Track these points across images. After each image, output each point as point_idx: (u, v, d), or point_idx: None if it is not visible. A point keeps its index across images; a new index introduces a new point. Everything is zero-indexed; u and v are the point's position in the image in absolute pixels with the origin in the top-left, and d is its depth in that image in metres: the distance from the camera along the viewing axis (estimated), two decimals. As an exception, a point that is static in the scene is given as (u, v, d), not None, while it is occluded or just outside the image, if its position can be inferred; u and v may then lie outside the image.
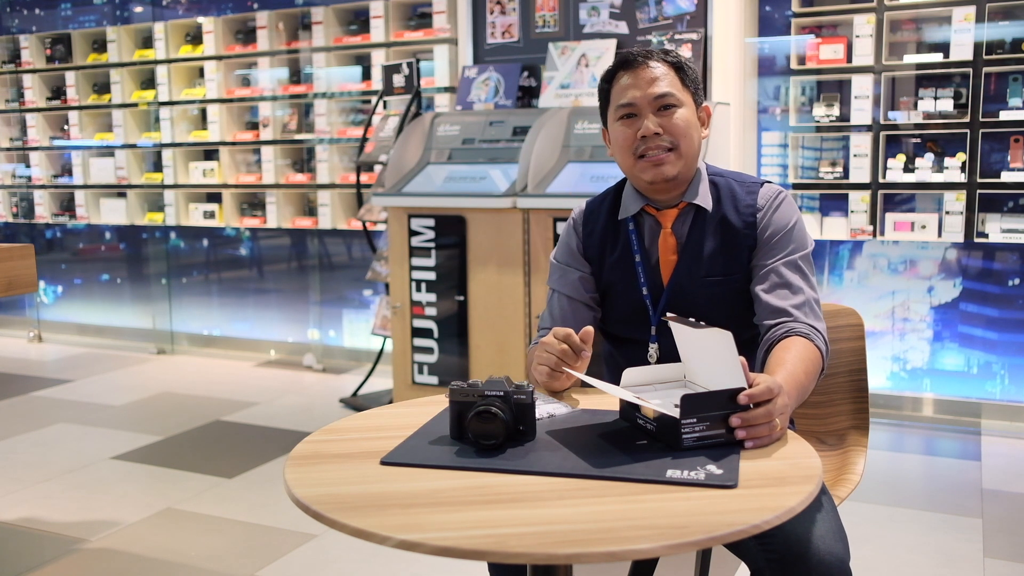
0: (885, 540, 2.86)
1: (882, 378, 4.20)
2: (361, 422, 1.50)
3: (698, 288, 1.77)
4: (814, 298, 1.76)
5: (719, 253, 1.77)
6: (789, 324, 1.70)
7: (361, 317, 5.38)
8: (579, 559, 1.01)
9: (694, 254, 1.78)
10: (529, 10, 4.24)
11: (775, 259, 1.75)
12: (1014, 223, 3.91)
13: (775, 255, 1.76)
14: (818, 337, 1.68)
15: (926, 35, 4.07)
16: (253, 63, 5.53)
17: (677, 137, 1.75)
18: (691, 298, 1.77)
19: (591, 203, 1.94)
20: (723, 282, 1.77)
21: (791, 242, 1.77)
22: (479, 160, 3.82)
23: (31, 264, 2.59)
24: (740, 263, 1.77)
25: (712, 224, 1.78)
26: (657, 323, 1.80)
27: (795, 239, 1.78)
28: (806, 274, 1.77)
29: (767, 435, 1.34)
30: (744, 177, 1.85)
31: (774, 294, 1.74)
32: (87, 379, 5.14)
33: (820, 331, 1.70)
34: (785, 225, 1.78)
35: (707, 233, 1.78)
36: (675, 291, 1.78)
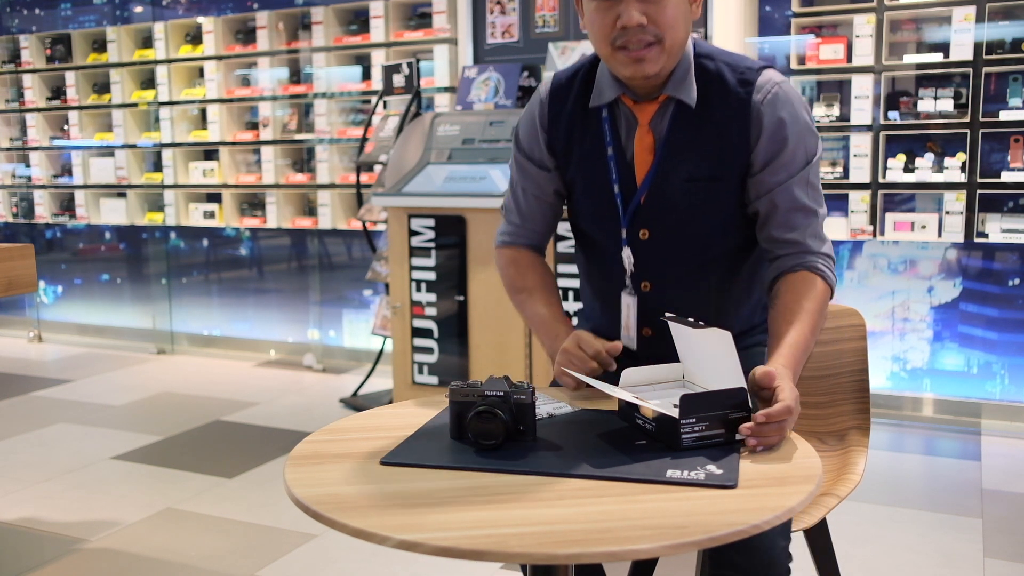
0: (885, 540, 2.86)
1: (882, 378, 4.20)
2: (361, 422, 1.50)
3: (678, 194, 1.60)
4: (823, 215, 1.64)
5: (704, 155, 1.58)
6: (802, 255, 1.59)
7: (361, 317, 5.38)
8: (579, 559, 1.01)
9: (674, 155, 1.59)
10: (529, 10, 4.24)
11: (783, 176, 1.58)
12: (1014, 223, 3.91)
13: (782, 171, 1.58)
14: (829, 268, 1.60)
15: (926, 35, 4.07)
16: (253, 63, 5.53)
17: (663, 29, 1.51)
18: (670, 203, 1.61)
19: (559, 77, 1.71)
20: (707, 187, 1.59)
21: (799, 151, 1.59)
22: (479, 160, 3.82)
23: (31, 264, 2.59)
24: (729, 166, 1.59)
25: (697, 121, 1.58)
26: (628, 226, 1.64)
27: (804, 145, 1.59)
28: (816, 188, 1.62)
29: (776, 442, 1.31)
30: (739, 61, 1.62)
31: (785, 220, 1.59)
32: (87, 379, 5.14)
33: (829, 256, 1.61)
34: (790, 129, 1.58)
35: (690, 132, 1.59)
36: (652, 194, 1.61)
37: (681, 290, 1.67)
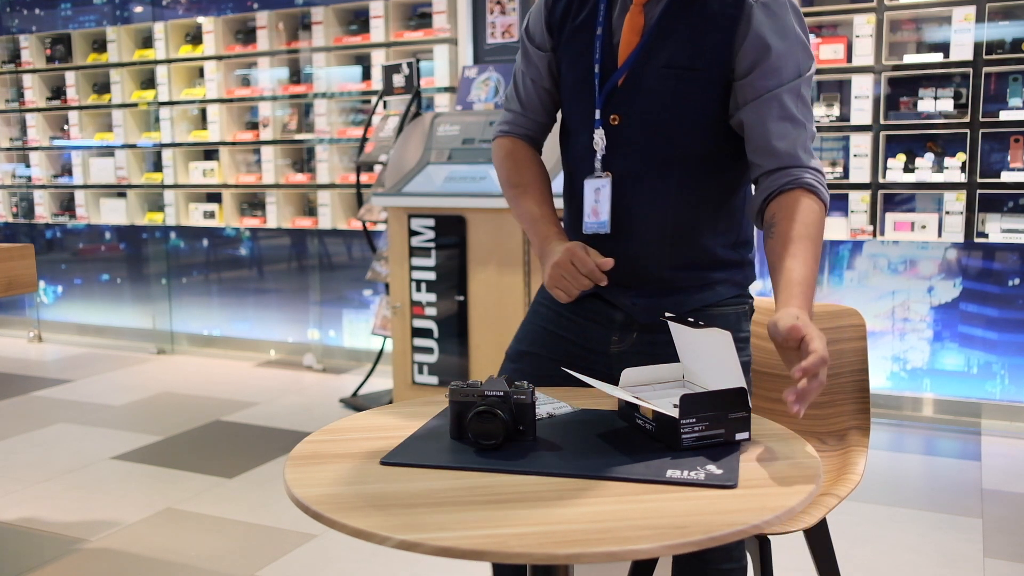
0: (885, 540, 2.86)
1: (882, 378, 4.20)
2: (361, 422, 1.50)
3: (654, 79, 1.58)
4: (813, 134, 1.60)
5: (687, 41, 1.56)
6: (792, 170, 1.56)
7: (361, 317, 5.38)
8: (579, 559, 1.01)
9: (658, 39, 1.58)
10: (529, 10, 4.23)
11: (773, 83, 1.55)
12: (1014, 223, 3.91)
13: (772, 77, 1.55)
14: (821, 184, 1.57)
15: (926, 35, 4.07)
16: (253, 63, 5.53)
17: None
18: (644, 88, 1.59)
19: None
20: (684, 75, 1.56)
21: (790, 61, 1.55)
22: (479, 160, 3.81)
23: (31, 264, 2.59)
24: (708, 59, 1.56)
25: (689, 10, 1.57)
26: (602, 106, 1.62)
27: (795, 57, 1.56)
28: (807, 105, 1.58)
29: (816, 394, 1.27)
30: None
31: (776, 131, 1.56)
32: (87, 379, 5.14)
33: (819, 170, 1.58)
34: (780, 36, 1.55)
35: (680, 19, 1.57)
36: (629, 77, 1.59)
37: (644, 186, 1.63)
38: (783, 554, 2.67)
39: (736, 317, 1.72)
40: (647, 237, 1.65)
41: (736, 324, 1.71)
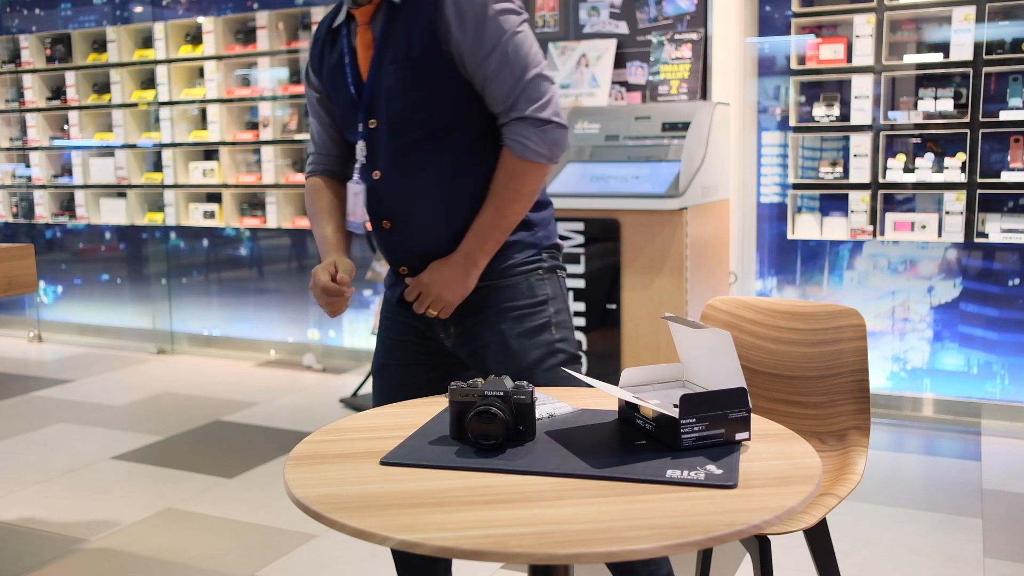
0: (885, 540, 2.86)
1: (882, 378, 4.20)
2: (361, 422, 1.50)
3: (390, 78, 1.78)
4: (534, 75, 1.73)
5: (403, 35, 1.76)
6: (504, 128, 1.75)
7: (361, 317, 5.38)
8: (579, 559, 1.01)
9: (383, 44, 1.79)
10: (529, 10, 4.23)
11: (480, 56, 1.72)
12: (1014, 223, 3.91)
13: (477, 52, 1.72)
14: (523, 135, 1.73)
15: (926, 35, 4.07)
16: (253, 63, 5.53)
17: None
18: (385, 87, 1.79)
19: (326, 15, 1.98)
20: (410, 66, 1.76)
21: (487, 30, 1.72)
22: (479, 160, 3.82)
23: (31, 264, 2.59)
24: (424, 45, 1.74)
25: (401, 13, 1.77)
26: (363, 119, 1.83)
27: (490, 23, 1.72)
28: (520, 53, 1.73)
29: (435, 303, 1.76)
30: None
31: (492, 93, 1.74)
32: (87, 379, 5.14)
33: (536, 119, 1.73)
34: (470, 9, 1.72)
35: (396, 23, 1.78)
36: (372, 83, 1.80)
37: (408, 175, 1.81)
38: (783, 554, 2.67)
39: (528, 285, 1.85)
40: (424, 223, 1.82)
41: (528, 291, 1.85)
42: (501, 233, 1.79)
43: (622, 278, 3.40)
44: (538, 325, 1.84)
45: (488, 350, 1.84)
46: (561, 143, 1.78)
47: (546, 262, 1.88)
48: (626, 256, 3.39)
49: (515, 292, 1.83)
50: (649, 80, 3.91)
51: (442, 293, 1.79)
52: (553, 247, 1.92)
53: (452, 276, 1.79)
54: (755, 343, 2.07)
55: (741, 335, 2.07)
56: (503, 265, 1.83)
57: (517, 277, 1.84)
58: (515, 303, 1.83)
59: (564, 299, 1.92)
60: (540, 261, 1.87)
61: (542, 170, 1.78)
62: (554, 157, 1.77)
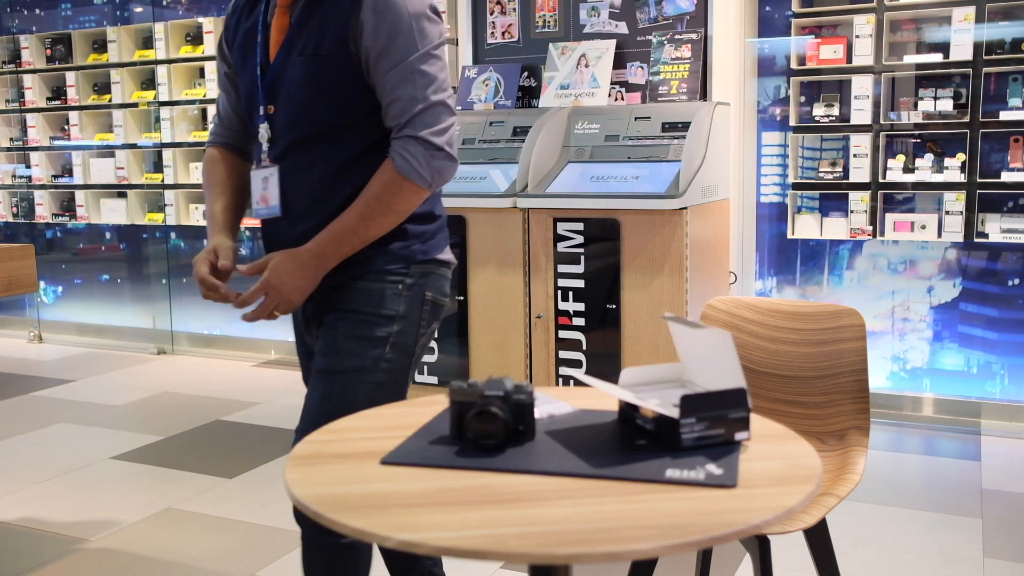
0: (885, 540, 2.87)
1: (882, 378, 4.20)
2: (361, 422, 1.50)
3: (292, 66, 1.75)
4: (437, 104, 1.70)
5: (316, 29, 1.72)
6: (392, 142, 1.72)
7: (361, 317, 5.38)
8: (579, 559, 1.01)
9: (297, 33, 1.75)
10: (529, 10, 4.24)
11: (386, 65, 1.69)
12: (1014, 223, 3.91)
13: (386, 59, 1.69)
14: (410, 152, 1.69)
15: (926, 35, 4.07)
16: (253, 63, 5.52)
17: None
18: (288, 77, 1.75)
19: None
20: (313, 59, 1.72)
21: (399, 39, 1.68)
22: (479, 160, 3.81)
23: (31, 264, 2.59)
24: (333, 44, 1.71)
25: (322, 4, 1.73)
26: (264, 102, 1.79)
27: (407, 34, 1.68)
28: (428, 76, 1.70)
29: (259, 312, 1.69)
30: None
31: (389, 108, 1.71)
32: (87, 379, 5.14)
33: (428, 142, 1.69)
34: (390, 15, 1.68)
35: (313, 13, 1.74)
36: (277, 69, 1.76)
37: (300, 168, 1.78)
38: (783, 554, 2.67)
39: (381, 295, 1.79)
40: (310, 216, 1.77)
41: (379, 300, 1.79)
42: (360, 243, 1.73)
43: (622, 278, 3.41)
44: (375, 336, 1.77)
45: (321, 338, 1.80)
46: (445, 174, 1.73)
47: (411, 278, 1.80)
48: (626, 256, 3.39)
49: (366, 297, 1.78)
50: (649, 80, 3.91)
51: (291, 296, 1.73)
52: (429, 263, 1.83)
53: (302, 278, 1.73)
54: (755, 343, 2.07)
55: (741, 335, 2.07)
56: (366, 269, 1.78)
57: (374, 283, 1.78)
58: (361, 307, 1.78)
59: (419, 323, 1.83)
60: (404, 275, 1.80)
61: (418, 193, 1.73)
62: (434, 185, 1.73)
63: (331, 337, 1.78)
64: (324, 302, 1.82)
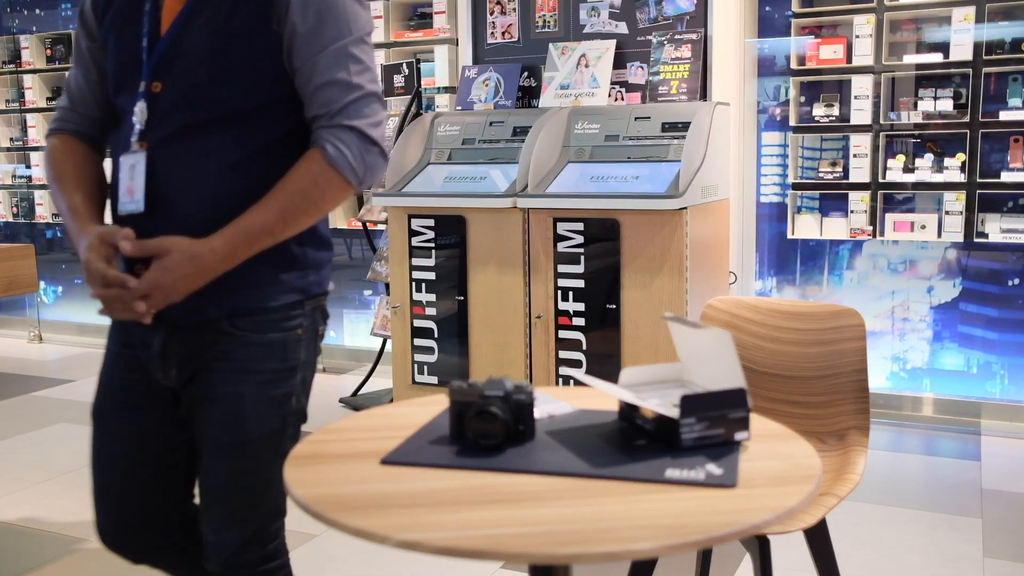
0: (885, 540, 2.87)
1: (882, 378, 4.20)
2: (361, 422, 1.50)
3: (196, 37, 1.52)
4: (371, 95, 1.53)
5: (227, 6, 1.51)
6: (320, 131, 1.51)
7: (361, 317, 5.38)
8: (579, 559, 1.01)
9: (200, 5, 1.53)
10: (529, 10, 4.24)
11: (317, 47, 1.50)
12: (1014, 223, 3.91)
13: (315, 40, 1.50)
14: (342, 142, 1.50)
15: (926, 35, 4.07)
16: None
17: None
18: (187, 47, 1.52)
19: None
20: (224, 30, 1.51)
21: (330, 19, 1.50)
22: (479, 160, 3.81)
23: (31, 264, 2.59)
24: (246, 18, 1.51)
25: None
26: (147, 79, 1.54)
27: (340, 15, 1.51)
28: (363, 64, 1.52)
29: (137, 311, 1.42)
30: None
31: (318, 96, 1.51)
32: (87, 379, 5.14)
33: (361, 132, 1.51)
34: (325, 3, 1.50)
35: None
36: (173, 42, 1.52)
37: (186, 156, 1.53)
38: (783, 554, 2.67)
39: (283, 347, 1.59)
40: (189, 216, 1.52)
41: (282, 353, 1.59)
42: (273, 243, 1.51)
43: (622, 278, 3.41)
44: (282, 394, 1.60)
45: (217, 406, 1.56)
46: (377, 172, 1.55)
47: (308, 317, 1.62)
48: (626, 256, 3.39)
49: (267, 352, 1.57)
50: (649, 80, 3.91)
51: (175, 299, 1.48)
52: (320, 296, 1.65)
53: (198, 281, 1.48)
54: (755, 343, 2.07)
55: (741, 335, 2.07)
56: (261, 316, 1.56)
57: (273, 335, 1.58)
58: (264, 365, 1.57)
59: (314, 361, 1.68)
60: (302, 315, 1.61)
61: (347, 191, 1.53)
62: (364, 183, 1.54)
63: (235, 406, 1.56)
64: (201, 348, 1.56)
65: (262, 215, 1.48)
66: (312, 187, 1.50)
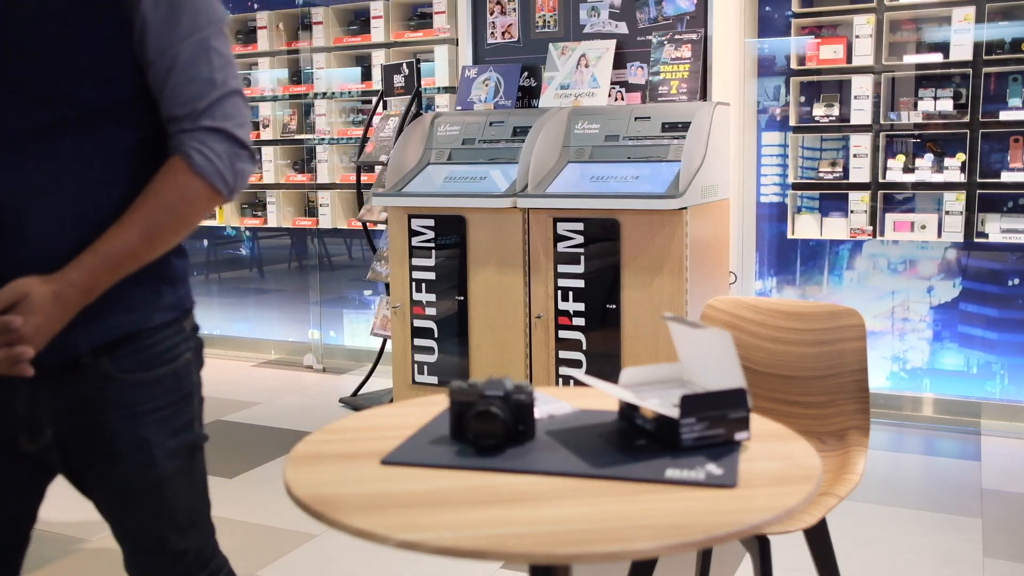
0: (885, 540, 2.87)
1: (882, 378, 4.20)
2: (361, 422, 1.50)
3: (31, 18, 1.29)
4: (233, 91, 1.36)
5: None
6: (180, 135, 1.33)
7: (361, 317, 5.38)
8: (579, 559, 1.01)
9: None
10: (529, 10, 4.24)
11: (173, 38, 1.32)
12: (1014, 223, 3.91)
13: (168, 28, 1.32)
14: (209, 148, 1.33)
15: (926, 35, 4.07)
16: (253, 63, 5.53)
17: None
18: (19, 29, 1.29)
19: None
20: (69, 11, 1.29)
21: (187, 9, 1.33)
22: (479, 160, 3.81)
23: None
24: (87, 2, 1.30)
25: None
26: None
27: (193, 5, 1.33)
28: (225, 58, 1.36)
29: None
30: None
31: (175, 93, 1.33)
32: (87, 379, 5.14)
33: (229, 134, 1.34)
34: None
35: None
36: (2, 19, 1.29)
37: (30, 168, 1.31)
38: (783, 554, 2.67)
39: (175, 377, 1.44)
40: (45, 241, 1.31)
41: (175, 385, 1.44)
42: (137, 268, 1.33)
43: (622, 278, 3.41)
44: (184, 423, 1.47)
45: (122, 459, 1.41)
46: (245, 179, 1.38)
47: (190, 337, 1.47)
48: (626, 256, 3.39)
49: (161, 389, 1.42)
50: (649, 80, 3.91)
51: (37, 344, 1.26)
52: (192, 309, 1.50)
53: (59, 323, 1.28)
54: (755, 343, 2.07)
55: (741, 335, 2.07)
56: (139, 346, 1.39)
57: (162, 369, 1.42)
58: (160, 403, 1.42)
59: (201, 377, 1.52)
60: (185, 336, 1.46)
61: (216, 202, 1.36)
62: (234, 192, 1.37)
63: (142, 454, 1.42)
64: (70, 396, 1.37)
65: (123, 237, 1.30)
66: (179, 201, 1.32)
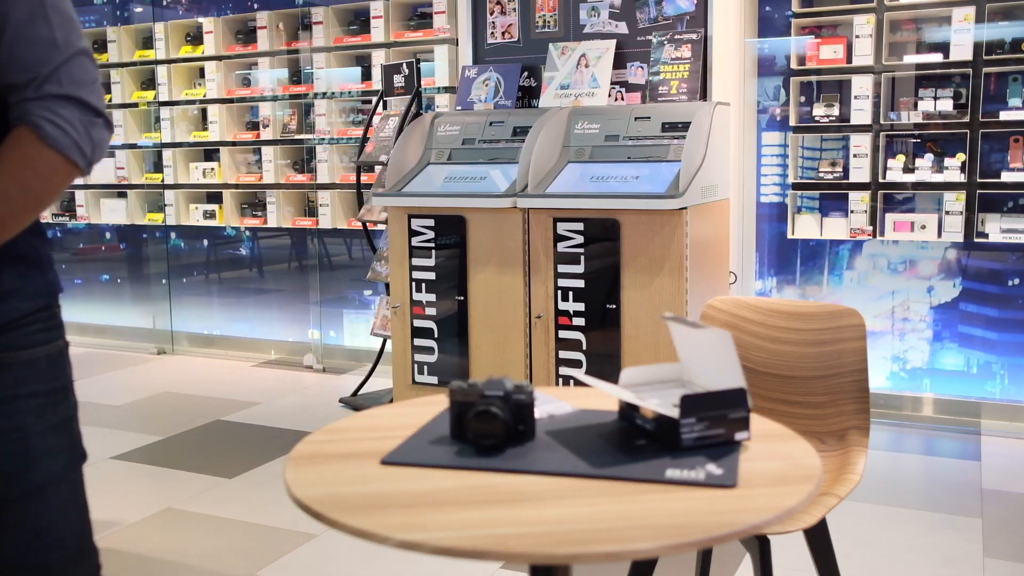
0: (885, 540, 2.87)
1: (882, 378, 4.20)
2: (361, 422, 1.50)
3: None
4: (78, 52, 1.24)
5: None
6: (25, 103, 1.21)
7: (361, 317, 5.38)
8: (579, 559, 1.01)
9: None
10: (529, 10, 4.24)
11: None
12: (1014, 223, 3.91)
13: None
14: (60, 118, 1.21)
15: (926, 35, 4.07)
16: (253, 63, 5.53)
17: None
18: None
19: None
20: None
21: None
22: (479, 160, 3.81)
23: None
24: None
25: None
26: None
27: None
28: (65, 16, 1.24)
29: None
30: None
31: (13, 57, 1.20)
32: (87, 379, 5.14)
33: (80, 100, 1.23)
34: None
35: None
36: None
37: None
38: (783, 554, 2.67)
39: (49, 362, 1.36)
40: None
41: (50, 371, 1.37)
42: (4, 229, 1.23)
43: (622, 278, 3.41)
44: (63, 419, 1.38)
45: None
46: (103, 148, 1.27)
47: (61, 324, 1.39)
48: (626, 256, 3.39)
49: (36, 372, 1.34)
50: (649, 80, 3.91)
51: None
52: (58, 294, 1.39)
53: None
54: (755, 343, 2.07)
55: (741, 335, 2.07)
56: (13, 329, 1.30)
57: (37, 350, 1.34)
58: (36, 388, 1.34)
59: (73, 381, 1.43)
60: (58, 323, 1.38)
61: (74, 175, 1.25)
62: (93, 162, 1.26)
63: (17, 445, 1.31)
64: None
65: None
66: (32, 177, 1.21)
